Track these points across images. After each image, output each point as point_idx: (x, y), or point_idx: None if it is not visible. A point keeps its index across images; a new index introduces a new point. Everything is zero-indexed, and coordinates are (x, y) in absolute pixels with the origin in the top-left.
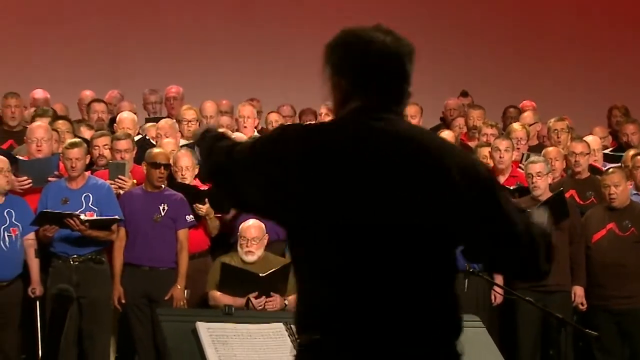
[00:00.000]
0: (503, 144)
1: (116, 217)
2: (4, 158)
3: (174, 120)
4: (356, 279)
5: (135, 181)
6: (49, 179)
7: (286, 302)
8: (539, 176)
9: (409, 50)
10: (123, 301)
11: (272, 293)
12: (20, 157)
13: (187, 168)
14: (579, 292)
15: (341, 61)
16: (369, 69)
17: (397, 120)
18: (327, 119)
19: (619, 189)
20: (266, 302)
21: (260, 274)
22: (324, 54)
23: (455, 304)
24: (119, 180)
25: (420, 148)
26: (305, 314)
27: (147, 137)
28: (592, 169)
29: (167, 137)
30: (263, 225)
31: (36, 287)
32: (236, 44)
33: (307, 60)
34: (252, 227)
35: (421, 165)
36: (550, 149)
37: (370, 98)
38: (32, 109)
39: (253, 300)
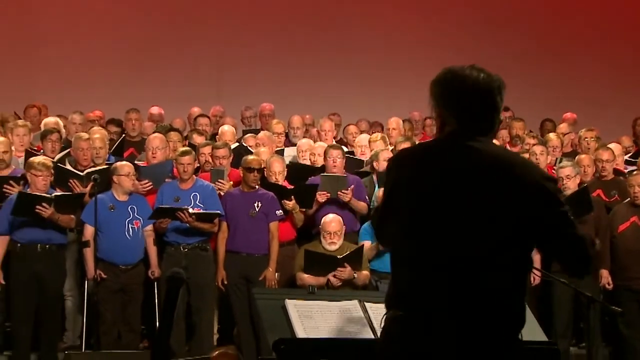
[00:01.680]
0: (538, 149)
1: (218, 212)
2: (131, 164)
3: (271, 133)
4: (439, 270)
5: (232, 182)
6: (166, 180)
7: (355, 275)
8: (568, 178)
9: (498, 85)
10: (225, 282)
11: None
12: (140, 164)
13: (279, 172)
14: (604, 275)
15: (441, 95)
16: (464, 102)
17: (486, 142)
18: (395, 132)
19: None
20: (339, 270)
21: (338, 256)
22: (430, 88)
23: (522, 300)
24: (219, 183)
25: (506, 165)
26: (393, 295)
27: (245, 145)
28: (615, 171)
29: (264, 146)
30: (341, 219)
31: (155, 270)
32: (319, 67)
33: (378, 81)
34: (332, 221)
35: (507, 178)
36: (583, 156)
37: (464, 125)
38: (150, 123)
39: (331, 278)
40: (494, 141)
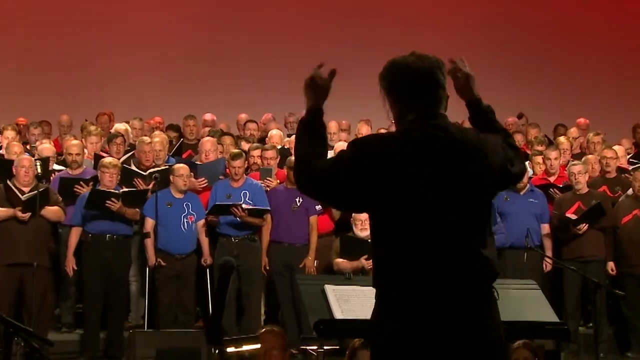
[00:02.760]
0: (553, 154)
1: (267, 208)
2: (186, 166)
3: None
4: (429, 239)
5: (278, 181)
6: (219, 177)
7: None
8: (579, 174)
9: (437, 64)
10: (267, 268)
11: None
12: (198, 163)
13: None
14: (610, 264)
15: (390, 85)
16: (408, 87)
17: (444, 123)
18: None
19: None
20: (366, 258)
21: (369, 240)
22: (379, 81)
23: (492, 257)
24: (267, 181)
25: (465, 140)
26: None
27: (287, 148)
28: (619, 169)
29: None
30: None
31: (207, 259)
32: (352, 76)
33: None
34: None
35: (468, 151)
36: (590, 156)
37: (418, 109)
38: (205, 128)
39: (364, 261)
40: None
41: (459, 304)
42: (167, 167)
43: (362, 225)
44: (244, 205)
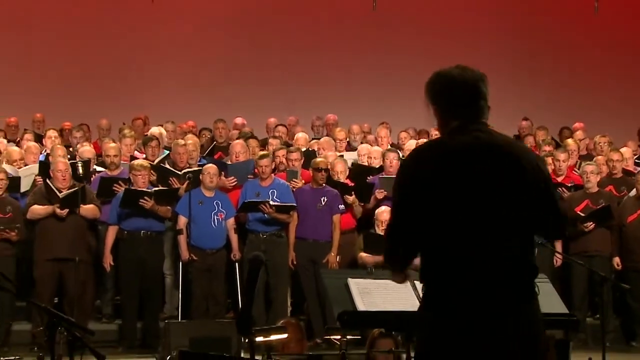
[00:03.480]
0: (561, 156)
1: (294, 204)
2: (214, 165)
3: (331, 139)
4: (471, 238)
5: (304, 181)
6: (248, 177)
7: None
8: (592, 174)
9: (481, 77)
10: (295, 262)
11: None
12: (229, 163)
13: (341, 172)
14: (616, 259)
15: (435, 95)
16: (453, 97)
17: (484, 131)
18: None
19: None
20: None
21: None
22: (425, 91)
23: (532, 257)
24: (293, 182)
25: (509, 149)
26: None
27: (312, 150)
28: (625, 171)
29: (326, 150)
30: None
31: (236, 254)
32: (375, 84)
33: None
34: (384, 211)
35: (512, 160)
36: (599, 157)
37: (460, 117)
38: (235, 131)
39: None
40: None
41: (501, 297)
42: (199, 167)
43: (382, 225)
44: (271, 202)
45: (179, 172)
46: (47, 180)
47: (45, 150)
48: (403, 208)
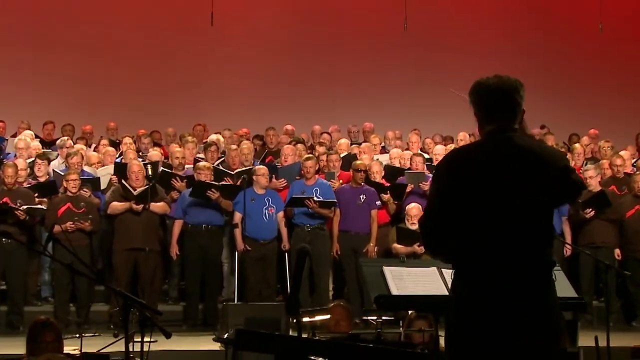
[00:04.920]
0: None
1: (335, 200)
2: (264, 166)
3: (368, 144)
4: (498, 232)
5: (341, 181)
6: (296, 177)
7: None
8: (591, 177)
9: (516, 85)
10: (339, 253)
11: None
12: (279, 166)
13: (377, 172)
14: (616, 250)
15: (474, 101)
16: (489, 104)
17: (515, 135)
18: (463, 143)
19: None
20: (418, 245)
21: (418, 231)
22: (469, 96)
23: (551, 248)
24: (331, 182)
25: (536, 152)
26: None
27: (352, 153)
28: (625, 173)
29: (365, 154)
30: (420, 206)
31: (286, 244)
32: (408, 98)
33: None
34: (413, 208)
35: (539, 161)
36: (603, 161)
37: (495, 122)
38: (284, 136)
39: (417, 247)
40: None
41: (523, 282)
42: (251, 168)
43: (412, 220)
44: (315, 198)
45: (232, 173)
46: (123, 181)
47: (120, 154)
48: (438, 199)
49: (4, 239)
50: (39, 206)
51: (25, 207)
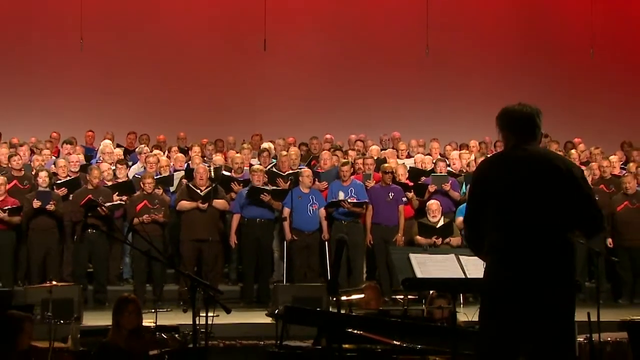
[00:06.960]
0: None
1: (366, 201)
2: (309, 169)
3: (395, 150)
4: (515, 233)
5: (374, 181)
6: (335, 179)
7: (450, 239)
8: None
9: (537, 112)
10: (372, 242)
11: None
12: (320, 170)
13: (402, 174)
14: (609, 240)
15: (502, 123)
16: (513, 126)
17: (534, 148)
18: (474, 149)
19: (631, 184)
20: (436, 238)
21: (437, 226)
22: (496, 121)
23: (574, 253)
24: (367, 182)
25: (549, 159)
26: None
27: (382, 158)
28: (612, 175)
29: (392, 158)
30: (439, 202)
31: (326, 235)
32: (430, 112)
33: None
34: (434, 204)
35: (552, 167)
36: (593, 164)
37: (519, 138)
38: (326, 144)
39: (436, 240)
40: (540, 145)
41: (544, 267)
42: (298, 170)
43: (432, 214)
44: (349, 200)
45: (283, 174)
46: (189, 183)
47: (189, 159)
48: (473, 202)
49: (89, 230)
50: (118, 202)
51: (108, 204)
